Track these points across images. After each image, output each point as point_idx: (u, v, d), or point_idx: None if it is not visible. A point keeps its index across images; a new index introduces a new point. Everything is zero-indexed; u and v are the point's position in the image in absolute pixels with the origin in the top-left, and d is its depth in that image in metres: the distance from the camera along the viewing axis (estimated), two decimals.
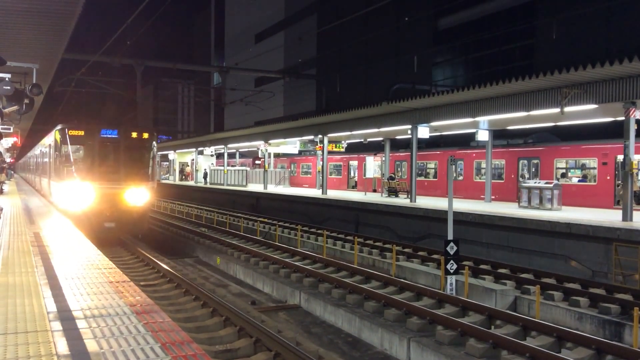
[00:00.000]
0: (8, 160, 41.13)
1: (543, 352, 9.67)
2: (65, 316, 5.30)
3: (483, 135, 26.94)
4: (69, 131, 19.34)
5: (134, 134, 20.42)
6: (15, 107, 12.67)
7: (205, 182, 53.99)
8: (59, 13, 10.34)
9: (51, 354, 4.23)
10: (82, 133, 19.51)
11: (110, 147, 19.94)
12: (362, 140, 37.59)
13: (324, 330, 12.41)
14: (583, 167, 25.73)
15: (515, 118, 22.62)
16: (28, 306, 5.69)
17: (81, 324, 5.03)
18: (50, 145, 22.55)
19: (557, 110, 19.16)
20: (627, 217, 17.73)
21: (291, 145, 43.30)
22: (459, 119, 24.05)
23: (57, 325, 4.98)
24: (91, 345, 4.42)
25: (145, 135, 20.71)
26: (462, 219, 20.37)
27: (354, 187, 42.05)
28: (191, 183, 58.65)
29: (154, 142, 21.33)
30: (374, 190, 37.29)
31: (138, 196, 20.06)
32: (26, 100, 12.57)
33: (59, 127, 20.15)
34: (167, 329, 4.93)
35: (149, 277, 16.32)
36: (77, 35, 16.65)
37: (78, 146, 19.79)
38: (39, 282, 6.88)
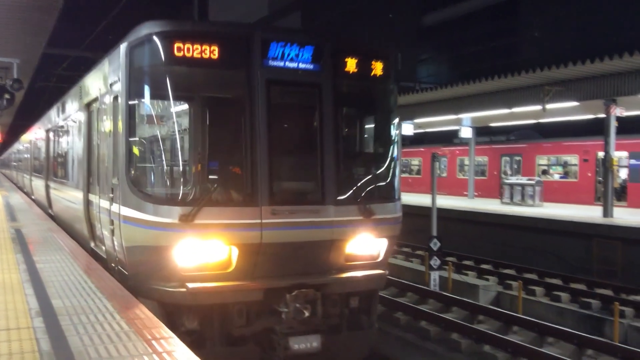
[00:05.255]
0: None
1: (525, 347, 9.79)
2: (48, 313, 5.26)
3: (466, 132, 27.09)
4: (177, 43, 6.67)
5: (353, 63, 7.64)
6: None
7: None
8: (40, 7, 10.24)
9: (34, 350, 4.20)
10: (214, 52, 6.79)
11: (293, 100, 7.83)
12: None
13: None
14: (564, 164, 26.00)
15: (498, 115, 22.78)
16: (10, 303, 5.64)
17: (64, 320, 5.00)
18: (99, 98, 8.72)
19: (539, 107, 19.32)
20: (607, 213, 17.94)
21: None
22: (443, 115, 24.17)
23: (39, 322, 4.95)
24: (74, 342, 4.40)
25: (378, 69, 7.92)
26: (446, 215, 20.47)
27: None
28: None
29: (395, 88, 8.60)
30: None
31: (371, 250, 7.81)
32: (7, 96, 12.45)
33: (142, 32, 6.95)
34: (150, 326, 4.92)
35: None
36: (59, 30, 16.47)
37: (199, 97, 7.20)
38: (22, 279, 6.82)
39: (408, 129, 26.75)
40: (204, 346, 6.66)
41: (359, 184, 7.77)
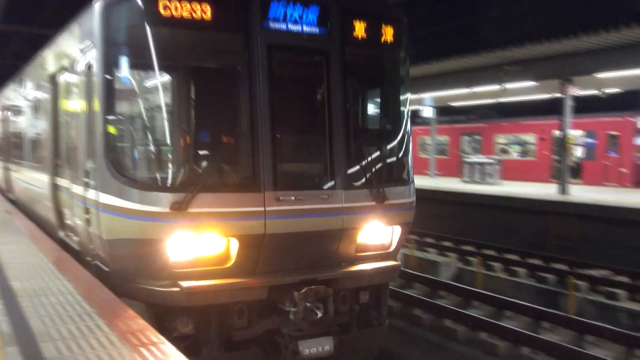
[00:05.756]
0: None
1: (484, 321, 10.04)
2: (7, 295, 5.18)
3: (427, 112, 27.32)
4: (162, 0, 5.56)
5: (364, 26, 6.64)
6: None
7: None
8: None
9: None
10: (206, 11, 5.73)
11: (297, 69, 6.97)
12: None
13: None
14: (523, 143, 26.52)
15: (458, 95, 23.04)
16: None
17: (24, 302, 4.93)
18: (68, 68, 7.53)
19: (498, 87, 19.59)
20: (563, 190, 18.40)
21: None
22: None
23: None
24: (35, 323, 4.35)
25: (392, 33, 6.97)
26: None
27: None
28: None
29: (407, 57, 7.58)
30: None
31: (384, 239, 7.07)
32: None
33: None
34: (113, 305, 4.90)
35: None
36: (12, 5, 15.92)
37: (188, 64, 6.29)
38: None
39: None
40: (200, 352, 5.94)
41: (372, 166, 6.84)
